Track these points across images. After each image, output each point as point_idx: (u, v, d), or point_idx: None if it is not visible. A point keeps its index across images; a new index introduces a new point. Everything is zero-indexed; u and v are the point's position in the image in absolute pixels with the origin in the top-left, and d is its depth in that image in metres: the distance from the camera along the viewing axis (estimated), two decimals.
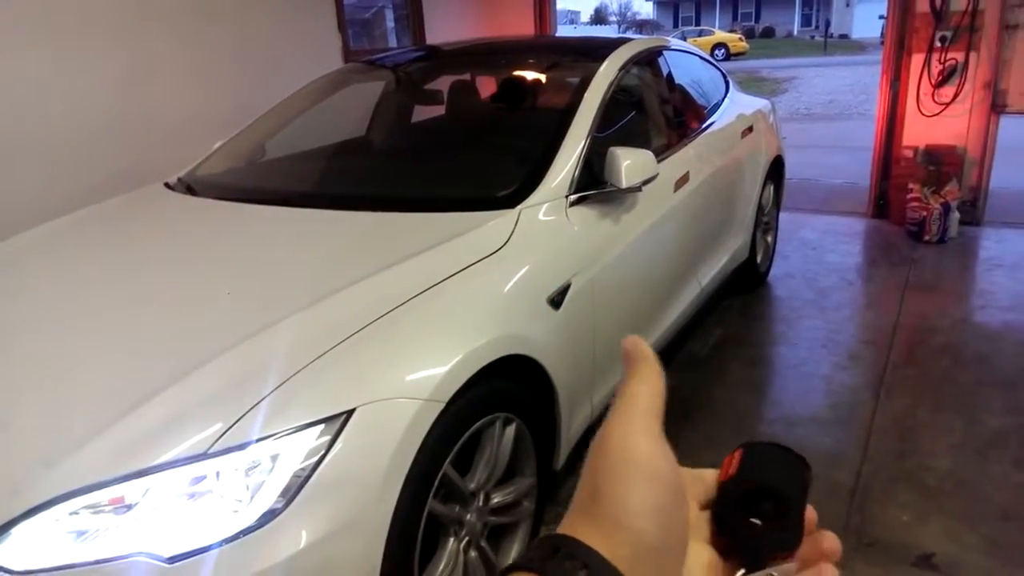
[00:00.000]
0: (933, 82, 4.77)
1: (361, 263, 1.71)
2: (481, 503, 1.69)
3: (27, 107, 3.08)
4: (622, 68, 2.63)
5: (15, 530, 1.20)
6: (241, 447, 1.26)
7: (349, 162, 3.00)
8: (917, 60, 4.78)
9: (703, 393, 2.94)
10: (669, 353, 3.13)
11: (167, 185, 2.62)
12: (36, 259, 2.15)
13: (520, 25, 6.32)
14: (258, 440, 1.26)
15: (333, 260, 1.83)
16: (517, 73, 3.00)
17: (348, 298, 1.57)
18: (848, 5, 37.82)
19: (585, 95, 2.38)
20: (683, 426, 2.70)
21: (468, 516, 1.64)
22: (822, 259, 4.49)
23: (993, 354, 3.13)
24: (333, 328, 1.47)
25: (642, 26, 41.68)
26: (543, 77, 2.92)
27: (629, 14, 48.92)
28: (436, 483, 1.49)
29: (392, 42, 5.79)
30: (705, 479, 0.42)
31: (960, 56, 4.64)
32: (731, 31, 33.17)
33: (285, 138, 2.95)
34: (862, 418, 2.69)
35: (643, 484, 0.35)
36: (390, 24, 5.84)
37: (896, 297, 3.81)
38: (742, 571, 0.38)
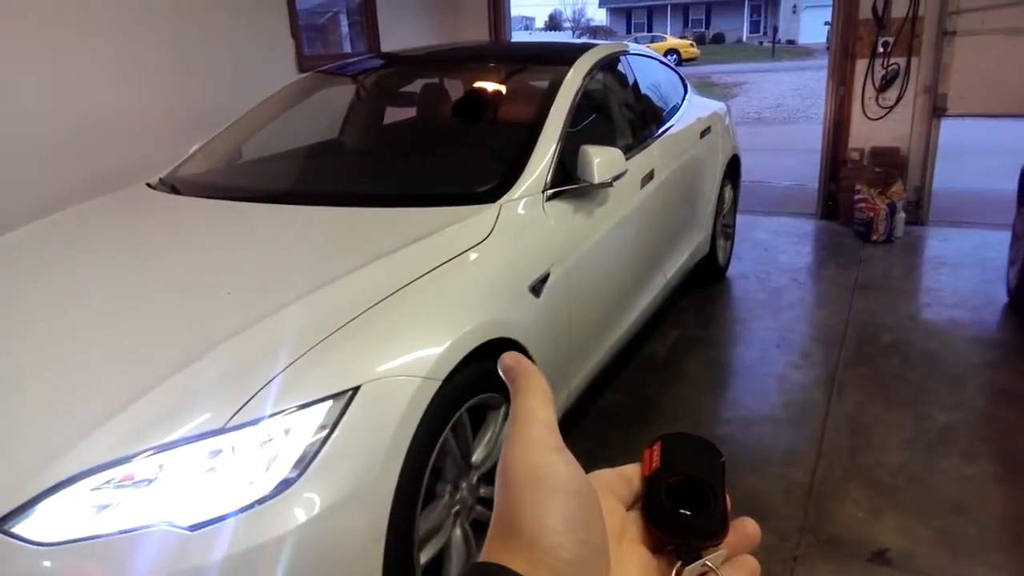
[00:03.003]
0: (877, 86, 4.91)
1: (356, 254, 1.80)
2: (475, 481, 1.80)
3: None
4: (590, 71, 2.75)
5: (39, 507, 1.24)
6: (255, 422, 1.33)
7: (337, 161, 3.10)
8: (861, 65, 4.91)
9: (662, 394, 2.96)
10: (628, 354, 3.15)
11: (149, 186, 2.63)
12: (37, 254, 2.19)
13: (475, 31, 6.31)
14: (271, 416, 1.34)
15: (330, 251, 1.92)
16: (494, 77, 3.09)
17: (348, 285, 1.67)
18: (795, 12, 38.78)
19: (556, 97, 2.50)
20: (643, 428, 2.71)
21: (463, 484, 1.75)
22: (774, 260, 4.57)
23: (940, 350, 3.22)
24: (336, 312, 1.55)
25: (596, 32, 42.10)
26: (518, 81, 3.04)
27: (583, 20, 49.34)
28: (436, 451, 1.59)
29: (347, 48, 5.72)
30: (628, 476, 0.42)
31: (902, 61, 4.79)
32: (682, 37, 33.73)
33: (264, 141, 2.98)
34: (816, 416, 2.73)
35: (552, 499, 0.35)
36: (344, 29, 5.78)
37: (846, 296, 3.90)
38: (679, 564, 0.38)
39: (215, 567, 1.23)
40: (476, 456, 1.79)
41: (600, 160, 2.24)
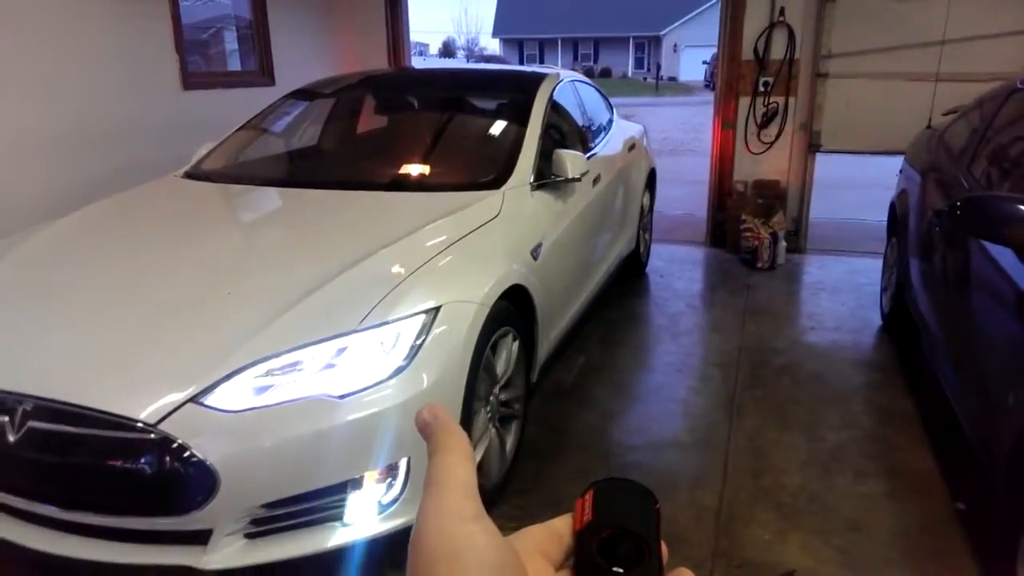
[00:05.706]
0: (758, 123, 5.21)
1: (412, 220, 2.45)
2: (497, 391, 2.40)
3: None
4: (552, 91, 3.43)
5: (218, 389, 1.76)
6: (376, 326, 1.93)
7: (370, 157, 3.59)
8: (744, 103, 5.21)
9: (572, 422, 2.95)
10: (536, 382, 3.12)
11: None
12: (155, 212, 2.81)
13: (373, 55, 6.21)
14: (384, 323, 1.94)
15: (393, 219, 2.56)
16: (487, 98, 3.85)
17: (415, 240, 2.32)
18: (676, 51, 40.89)
19: (532, 110, 3.20)
20: (553, 460, 2.68)
21: (491, 397, 2.36)
22: (671, 286, 4.72)
23: (826, 372, 3.39)
24: (414, 256, 2.20)
25: (490, 61, 42.72)
26: (503, 99, 3.73)
27: (476, 49, 49.99)
28: (488, 349, 2.26)
29: (235, 65, 5.48)
30: (559, 532, 0.38)
31: (781, 100, 5.11)
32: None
33: (307, 139, 3.74)
34: (719, 439, 2.80)
35: None
36: (231, 46, 5.53)
37: (738, 321, 4.06)
38: None
39: (355, 423, 1.81)
40: (499, 368, 2.39)
41: (572, 161, 2.95)
